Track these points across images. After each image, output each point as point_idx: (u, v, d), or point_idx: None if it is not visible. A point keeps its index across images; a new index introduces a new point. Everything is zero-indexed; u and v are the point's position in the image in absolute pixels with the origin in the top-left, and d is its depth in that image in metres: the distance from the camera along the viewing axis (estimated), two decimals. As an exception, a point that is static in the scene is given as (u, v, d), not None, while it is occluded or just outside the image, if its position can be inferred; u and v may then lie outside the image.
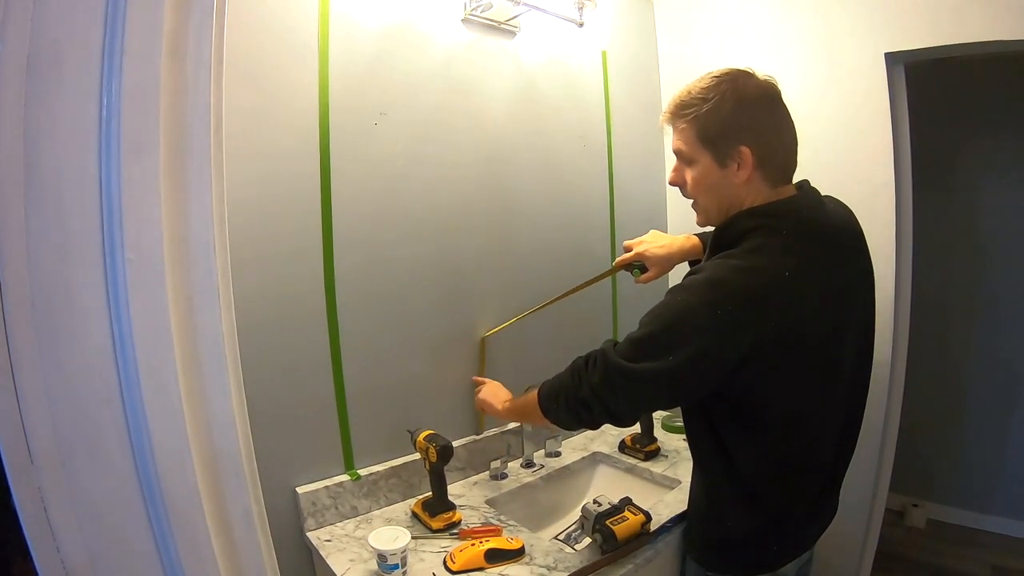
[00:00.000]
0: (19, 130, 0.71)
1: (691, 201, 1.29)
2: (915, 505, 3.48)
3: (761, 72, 1.19)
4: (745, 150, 1.14)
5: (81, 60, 0.72)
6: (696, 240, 1.61)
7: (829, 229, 1.21)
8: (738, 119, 1.14)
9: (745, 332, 1.07)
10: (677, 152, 1.23)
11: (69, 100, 0.72)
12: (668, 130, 1.27)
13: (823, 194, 1.29)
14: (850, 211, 1.32)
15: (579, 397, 1.21)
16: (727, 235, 1.19)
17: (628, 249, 1.67)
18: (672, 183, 1.29)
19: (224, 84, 0.81)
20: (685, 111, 1.19)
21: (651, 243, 1.63)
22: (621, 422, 1.22)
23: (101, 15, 0.71)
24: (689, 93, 1.19)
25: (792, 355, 1.12)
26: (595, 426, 1.26)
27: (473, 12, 1.81)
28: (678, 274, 1.33)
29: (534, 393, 1.38)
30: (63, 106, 0.72)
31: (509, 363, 2.03)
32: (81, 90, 0.71)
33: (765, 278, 1.08)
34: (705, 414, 1.27)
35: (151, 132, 0.72)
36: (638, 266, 1.66)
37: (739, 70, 1.19)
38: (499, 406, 1.66)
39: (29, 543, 0.75)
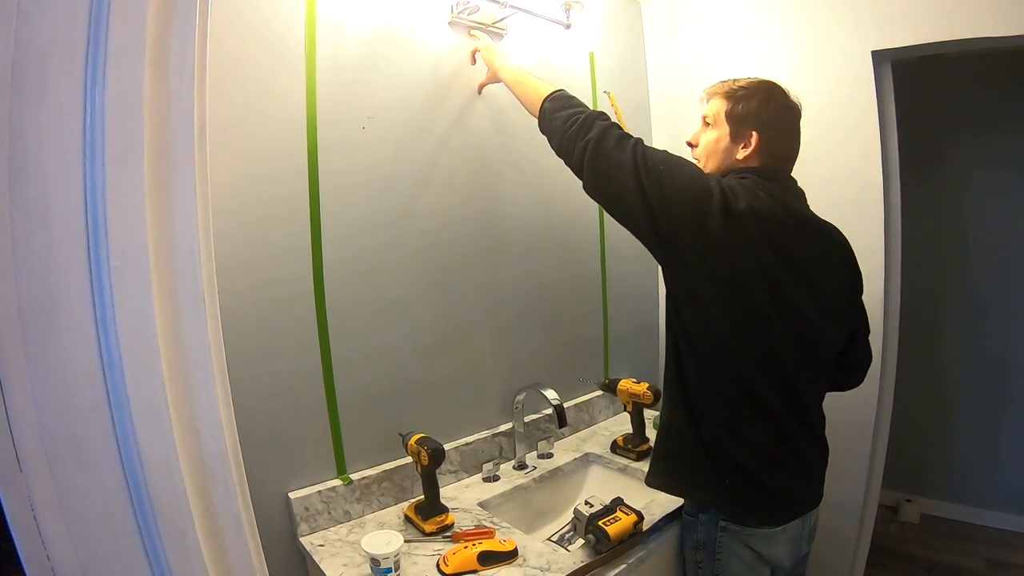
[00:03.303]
0: (4, 139, 0.71)
1: (695, 160, 1.53)
2: (908, 500, 3.49)
3: (793, 94, 1.44)
4: (755, 135, 1.39)
5: (65, 68, 0.71)
6: None
7: (799, 214, 1.38)
8: (760, 112, 1.39)
9: (719, 212, 1.26)
10: (704, 117, 1.49)
11: (53, 108, 0.72)
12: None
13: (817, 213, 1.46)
14: (843, 237, 1.48)
15: (586, 123, 1.43)
16: None
17: None
18: (688, 143, 1.55)
19: (210, 89, 0.81)
20: (726, 91, 1.44)
21: None
22: (593, 164, 1.40)
23: (84, 23, 0.71)
24: (735, 82, 1.45)
25: (733, 280, 1.29)
26: (567, 151, 1.47)
27: (460, 15, 1.82)
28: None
29: (545, 87, 1.58)
30: (47, 114, 0.72)
31: (498, 360, 2.04)
32: (65, 98, 0.71)
33: (745, 197, 1.29)
34: (676, 347, 1.41)
35: (135, 139, 0.72)
36: None
37: (777, 83, 1.44)
38: (499, 61, 1.76)
39: (19, 551, 0.75)
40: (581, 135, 1.42)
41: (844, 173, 2.01)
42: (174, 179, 0.75)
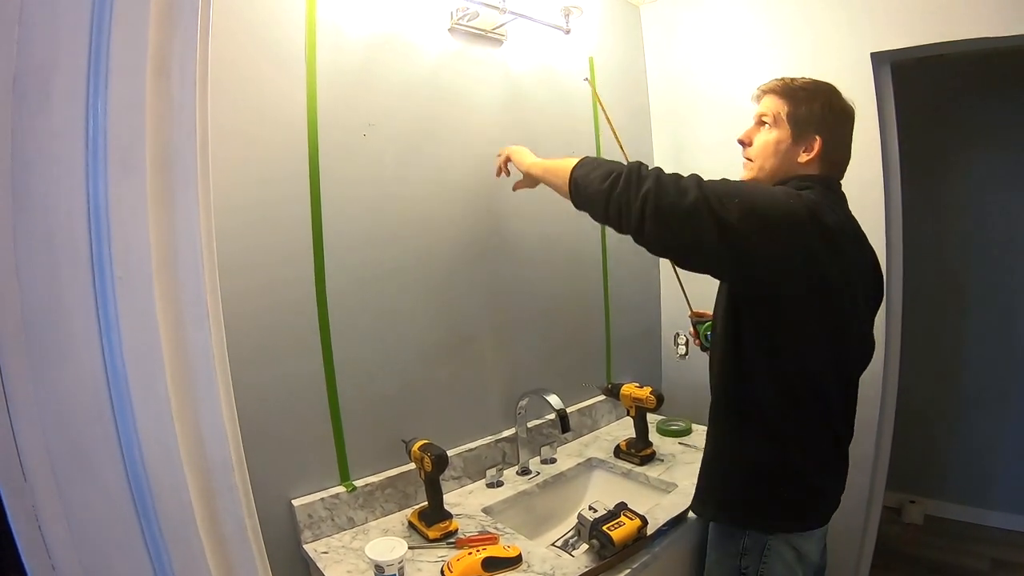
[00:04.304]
0: (6, 151, 0.71)
1: (745, 160, 1.48)
2: (912, 501, 3.49)
3: (847, 96, 1.40)
4: (819, 139, 1.34)
5: (67, 80, 0.72)
6: None
7: (853, 223, 1.39)
8: (824, 116, 1.35)
9: (813, 230, 1.21)
10: (762, 116, 1.42)
11: (56, 120, 0.72)
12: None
13: None
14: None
15: (633, 177, 1.28)
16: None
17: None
18: (740, 141, 1.47)
19: (211, 99, 0.81)
20: (786, 91, 1.39)
21: None
22: (658, 219, 1.23)
23: (86, 34, 0.71)
24: (793, 81, 1.40)
25: (816, 291, 1.24)
26: (618, 212, 1.29)
27: (460, 21, 1.82)
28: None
29: (570, 160, 1.48)
30: (50, 126, 0.72)
31: (501, 365, 2.04)
32: (68, 110, 0.72)
33: (827, 211, 1.25)
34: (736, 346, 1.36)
35: (138, 150, 0.72)
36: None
37: (833, 85, 1.40)
38: (528, 159, 1.71)
39: (24, 562, 0.75)
40: (634, 191, 1.26)
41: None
42: (176, 188, 0.75)
